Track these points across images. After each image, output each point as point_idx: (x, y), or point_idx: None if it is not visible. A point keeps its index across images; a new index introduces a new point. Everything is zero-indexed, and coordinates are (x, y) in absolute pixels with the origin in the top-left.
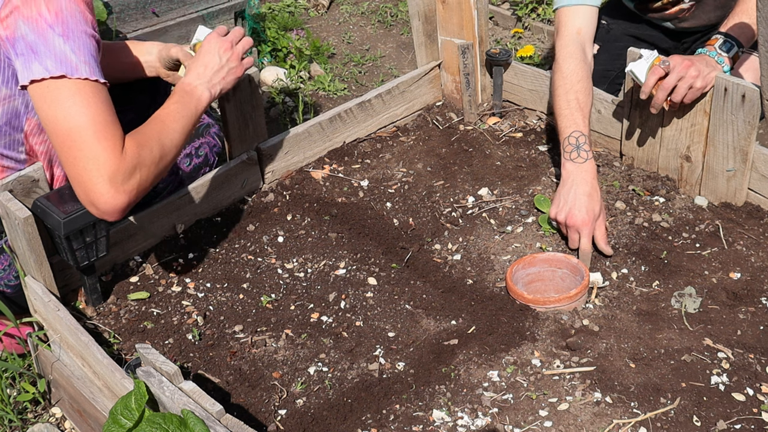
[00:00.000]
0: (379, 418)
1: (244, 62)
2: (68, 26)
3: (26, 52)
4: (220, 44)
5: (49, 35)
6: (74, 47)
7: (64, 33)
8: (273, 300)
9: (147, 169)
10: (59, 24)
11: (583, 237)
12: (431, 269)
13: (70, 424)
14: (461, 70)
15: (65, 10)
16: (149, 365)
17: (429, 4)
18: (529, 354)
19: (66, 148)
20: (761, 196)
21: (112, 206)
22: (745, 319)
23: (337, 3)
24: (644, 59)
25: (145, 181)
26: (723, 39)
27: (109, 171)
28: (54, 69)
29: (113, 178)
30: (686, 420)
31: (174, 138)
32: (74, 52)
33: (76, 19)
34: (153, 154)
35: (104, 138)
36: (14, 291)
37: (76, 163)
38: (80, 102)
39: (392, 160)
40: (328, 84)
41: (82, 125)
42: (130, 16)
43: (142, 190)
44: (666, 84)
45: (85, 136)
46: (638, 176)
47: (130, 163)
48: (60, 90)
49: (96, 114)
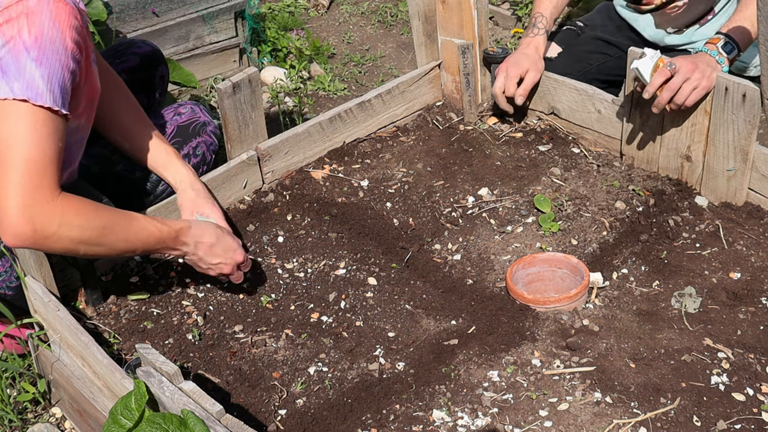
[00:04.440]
0: (379, 418)
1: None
2: (44, 53)
3: None
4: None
5: (23, 57)
6: (44, 74)
7: (38, 58)
8: (273, 300)
9: (67, 235)
10: (36, 48)
11: (498, 78)
12: (431, 269)
13: (70, 424)
14: (461, 70)
15: (46, 36)
16: (149, 365)
17: (429, 4)
18: (529, 354)
19: None
20: (761, 195)
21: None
22: (745, 319)
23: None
24: (648, 57)
25: (56, 241)
26: (725, 40)
27: (23, 201)
28: (19, 91)
29: (27, 208)
30: (686, 420)
31: (116, 243)
32: (43, 77)
33: (54, 47)
34: (83, 232)
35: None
36: (15, 293)
37: None
38: (27, 127)
39: (392, 160)
40: (328, 84)
41: (19, 150)
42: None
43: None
44: (672, 85)
45: (17, 162)
46: (638, 176)
47: (56, 213)
48: (14, 110)
49: (36, 144)
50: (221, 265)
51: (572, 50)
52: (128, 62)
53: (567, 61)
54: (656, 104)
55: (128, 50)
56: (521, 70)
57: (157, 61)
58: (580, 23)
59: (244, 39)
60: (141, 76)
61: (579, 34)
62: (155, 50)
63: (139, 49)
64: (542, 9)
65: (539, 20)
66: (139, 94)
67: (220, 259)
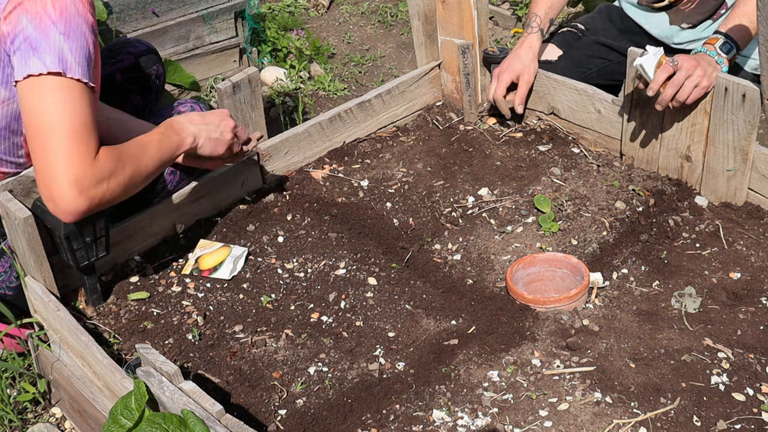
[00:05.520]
0: (379, 418)
1: (234, 146)
2: (70, 26)
3: (24, 47)
4: (227, 119)
5: (51, 32)
6: (72, 47)
7: (65, 32)
8: (273, 300)
9: (116, 183)
10: (62, 22)
11: (492, 83)
12: (431, 269)
13: (70, 424)
14: (461, 70)
15: (70, 10)
16: (149, 365)
17: (429, 4)
18: (529, 354)
19: (39, 141)
20: (761, 195)
21: (71, 207)
22: (745, 319)
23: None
24: (651, 54)
25: (110, 194)
26: (723, 40)
27: (75, 173)
28: (52, 65)
29: (78, 181)
30: (686, 420)
31: (148, 165)
32: (71, 51)
33: (78, 20)
34: (124, 173)
35: (79, 141)
36: (15, 293)
37: (46, 157)
38: (65, 100)
39: (392, 160)
40: (328, 84)
41: (61, 123)
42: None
43: (105, 201)
44: (675, 81)
45: (61, 134)
46: (638, 176)
47: (101, 173)
48: (50, 84)
49: (77, 115)
50: (224, 121)
51: (573, 54)
52: (123, 62)
53: (567, 65)
54: (659, 101)
55: (123, 50)
56: (513, 74)
57: (152, 61)
58: (580, 25)
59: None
60: (136, 75)
61: (579, 37)
62: (150, 49)
63: (133, 48)
64: (537, 9)
65: (533, 19)
66: (134, 93)
67: (217, 116)
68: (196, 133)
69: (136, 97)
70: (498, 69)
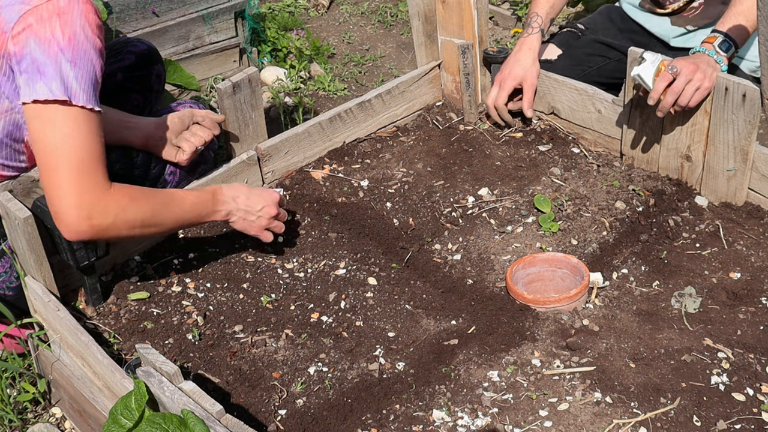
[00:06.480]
0: (379, 418)
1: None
2: (78, 52)
3: (31, 70)
4: (271, 207)
5: (59, 58)
6: (78, 75)
7: (73, 59)
8: (273, 300)
9: (124, 221)
10: (70, 49)
11: (493, 89)
12: (431, 269)
13: (70, 424)
14: (461, 70)
15: (79, 35)
16: (149, 365)
17: (429, 4)
18: (529, 354)
19: (46, 168)
20: (761, 195)
21: (73, 230)
22: (745, 319)
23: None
24: (649, 62)
25: (115, 230)
26: (722, 38)
27: (76, 201)
28: (58, 92)
29: (80, 208)
30: (686, 420)
31: (167, 219)
32: (77, 79)
33: (86, 45)
34: (137, 214)
35: (85, 170)
36: (15, 293)
37: (51, 182)
38: (71, 129)
39: (392, 160)
40: (328, 84)
41: (66, 152)
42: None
43: (109, 235)
44: (675, 88)
45: (66, 164)
46: (638, 176)
47: (109, 205)
48: (56, 112)
49: (83, 145)
50: (266, 208)
51: (572, 53)
52: (124, 61)
53: (567, 64)
54: (660, 108)
55: (124, 49)
56: (516, 81)
57: (152, 60)
58: (580, 25)
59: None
60: (137, 74)
61: (579, 37)
62: (151, 48)
63: (134, 47)
64: (538, 9)
65: (534, 19)
66: (135, 92)
67: (262, 201)
68: (233, 211)
69: (136, 96)
70: (499, 75)
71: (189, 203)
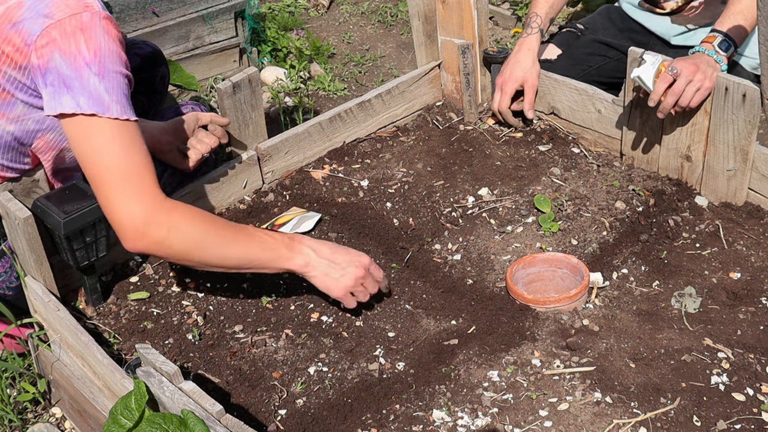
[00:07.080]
0: (379, 418)
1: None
2: (105, 66)
3: (57, 83)
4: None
5: (85, 73)
6: (108, 87)
7: (100, 72)
8: (273, 300)
9: (177, 238)
10: (96, 63)
11: (495, 94)
12: (431, 269)
13: (70, 424)
14: (461, 70)
15: (104, 49)
16: (149, 365)
17: (429, 4)
18: (529, 354)
19: (96, 184)
20: (761, 195)
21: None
22: (745, 319)
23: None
24: (649, 64)
25: (169, 247)
26: (722, 38)
27: (126, 213)
28: (86, 106)
29: (132, 218)
30: (686, 420)
31: (229, 251)
32: (108, 91)
33: (112, 59)
34: (192, 234)
35: (128, 183)
36: (15, 293)
37: (101, 198)
38: (110, 141)
39: (392, 160)
40: (328, 84)
41: (110, 165)
42: (130, 16)
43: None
44: (676, 89)
45: (110, 178)
46: (638, 176)
47: (164, 217)
48: (93, 127)
49: (124, 155)
50: (353, 267)
51: (572, 52)
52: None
53: (566, 64)
54: (661, 109)
55: (129, 51)
56: (516, 83)
57: (157, 62)
58: (580, 25)
59: (244, 39)
60: (142, 77)
61: (579, 36)
62: (156, 51)
63: (139, 50)
64: (537, 9)
65: (533, 19)
66: (140, 95)
67: (347, 258)
68: (313, 263)
69: (141, 98)
70: (500, 78)
71: (258, 240)
